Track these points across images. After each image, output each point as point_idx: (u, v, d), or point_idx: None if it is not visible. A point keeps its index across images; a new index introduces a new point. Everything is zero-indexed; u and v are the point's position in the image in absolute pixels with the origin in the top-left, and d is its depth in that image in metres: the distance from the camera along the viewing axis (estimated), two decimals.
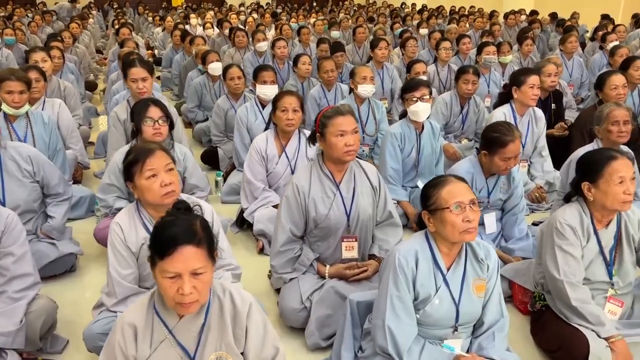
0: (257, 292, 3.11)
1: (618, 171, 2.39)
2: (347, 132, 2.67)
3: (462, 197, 2.08)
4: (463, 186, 2.14)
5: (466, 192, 2.11)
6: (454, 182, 2.15)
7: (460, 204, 2.07)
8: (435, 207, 2.11)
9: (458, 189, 2.12)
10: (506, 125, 3.10)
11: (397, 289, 2.14)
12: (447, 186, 2.12)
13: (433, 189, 2.15)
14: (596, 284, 2.56)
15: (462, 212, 2.06)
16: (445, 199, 2.10)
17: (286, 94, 3.73)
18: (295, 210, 2.78)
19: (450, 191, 2.11)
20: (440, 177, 2.24)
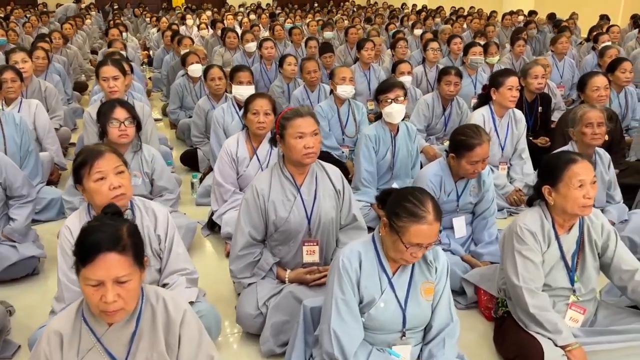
0: (220, 296, 3.08)
1: (578, 175, 2.33)
2: (307, 134, 2.62)
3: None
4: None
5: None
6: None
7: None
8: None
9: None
10: (474, 128, 3.04)
11: (342, 292, 2.09)
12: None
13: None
14: (557, 291, 2.50)
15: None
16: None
17: (258, 96, 3.69)
18: (254, 214, 2.73)
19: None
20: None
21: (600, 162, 3.56)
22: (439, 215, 2.02)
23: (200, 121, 5.15)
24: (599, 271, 2.56)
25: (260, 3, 21.94)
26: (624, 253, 2.48)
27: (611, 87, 5.31)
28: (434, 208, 2.01)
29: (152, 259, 2.52)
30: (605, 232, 2.50)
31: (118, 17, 14.58)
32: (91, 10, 18.79)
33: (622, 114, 5.44)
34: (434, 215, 1.99)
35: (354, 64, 6.73)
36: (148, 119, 4.29)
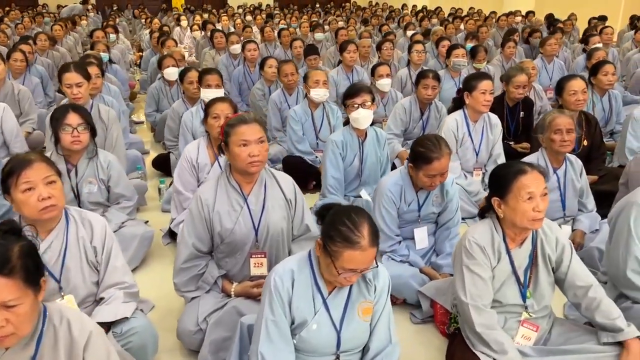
0: (172, 308, 2.99)
1: (527, 187, 2.21)
2: (251, 142, 2.51)
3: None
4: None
5: None
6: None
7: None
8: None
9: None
10: (435, 140, 2.92)
11: (272, 313, 1.99)
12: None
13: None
14: (509, 307, 2.39)
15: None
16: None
17: (218, 100, 3.59)
18: (199, 225, 2.63)
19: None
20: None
21: (572, 169, 3.44)
22: (375, 240, 1.90)
23: (174, 124, 5.05)
24: (554, 287, 2.45)
25: (261, 4, 21.89)
26: (578, 268, 2.36)
27: (594, 90, 5.22)
28: (370, 233, 1.88)
29: (89, 271, 2.43)
30: (560, 246, 2.38)
31: (113, 19, 14.50)
32: (89, 12, 18.77)
33: (606, 117, 5.32)
34: (369, 240, 1.87)
35: (338, 66, 6.63)
36: (113, 124, 4.21)
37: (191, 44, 11.92)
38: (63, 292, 2.39)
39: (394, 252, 3.06)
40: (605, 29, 8.39)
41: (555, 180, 3.40)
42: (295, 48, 7.83)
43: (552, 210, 3.44)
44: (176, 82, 5.77)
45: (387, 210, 3.04)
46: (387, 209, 3.04)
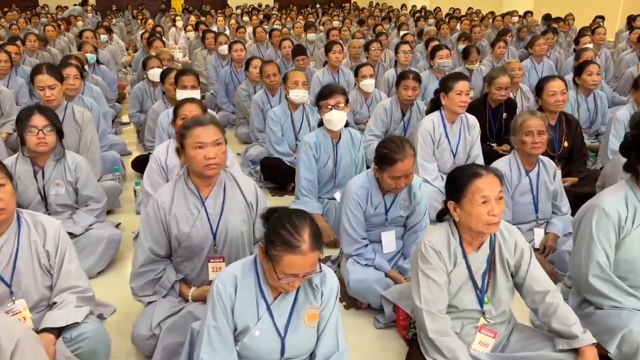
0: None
1: (481, 190, 2.17)
2: (207, 144, 2.48)
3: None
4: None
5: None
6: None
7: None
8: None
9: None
10: (399, 141, 2.88)
11: (215, 319, 1.95)
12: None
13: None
14: (466, 313, 2.34)
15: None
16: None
17: (187, 101, 3.55)
18: (156, 229, 2.59)
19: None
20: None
21: (544, 172, 3.39)
22: (317, 245, 1.87)
23: (153, 125, 5.00)
24: (513, 292, 2.40)
25: (261, 4, 21.87)
26: (537, 273, 2.32)
27: (579, 90, 5.16)
28: (311, 236, 1.85)
29: (41, 275, 2.40)
30: (519, 251, 2.34)
31: (109, 20, 14.49)
32: (88, 13, 18.77)
33: (591, 118, 5.27)
34: (309, 244, 1.83)
35: (323, 67, 6.59)
36: (88, 126, 4.18)
37: (185, 45, 11.90)
38: (14, 296, 2.36)
39: (360, 255, 3.02)
40: (597, 29, 8.31)
41: (527, 182, 3.35)
42: (284, 48, 7.80)
43: (524, 213, 3.40)
44: (160, 83, 5.72)
45: (353, 214, 3.00)
46: (354, 212, 3.00)
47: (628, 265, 2.44)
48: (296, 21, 11.90)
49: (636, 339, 2.20)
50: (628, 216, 2.41)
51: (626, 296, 2.41)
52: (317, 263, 1.88)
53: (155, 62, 6.01)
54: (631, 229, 2.41)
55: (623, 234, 2.42)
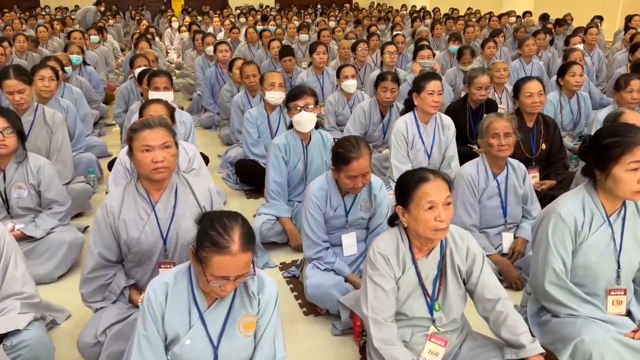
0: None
1: (427, 195, 2.10)
2: (155, 147, 2.42)
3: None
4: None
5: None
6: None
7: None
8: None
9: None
10: (354, 140, 2.83)
11: (145, 328, 1.90)
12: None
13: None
14: (415, 320, 2.28)
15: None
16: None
17: (153, 102, 3.50)
18: (105, 233, 2.54)
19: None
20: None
21: (514, 175, 3.32)
22: (248, 246, 1.81)
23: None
24: (465, 299, 2.34)
25: (262, 5, 21.84)
26: (488, 280, 2.25)
27: (562, 92, 5.09)
28: (241, 237, 1.79)
29: None
30: (471, 257, 2.27)
31: (105, 20, 14.48)
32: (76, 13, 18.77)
33: (575, 120, 5.19)
34: (240, 245, 1.78)
35: (308, 68, 6.53)
36: (59, 128, 4.14)
37: (179, 45, 11.89)
38: None
39: (320, 259, 2.96)
40: (590, 29, 8.22)
41: (495, 186, 3.28)
42: (272, 49, 7.75)
43: (492, 217, 3.34)
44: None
45: (312, 216, 2.94)
46: (313, 215, 2.95)
47: (585, 271, 2.37)
48: (289, 22, 11.81)
49: (588, 348, 2.13)
50: (585, 221, 2.34)
51: (582, 304, 2.34)
52: (249, 265, 1.83)
53: (143, 61, 5.94)
54: (588, 234, 2.34)
55: (580, 240, 2.35)
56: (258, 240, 3.58)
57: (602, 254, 2.35)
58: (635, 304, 2.43)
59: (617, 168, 2.18)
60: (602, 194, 2.33)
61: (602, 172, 2.26)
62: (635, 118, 3.35)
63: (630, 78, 4.38)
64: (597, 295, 2.39)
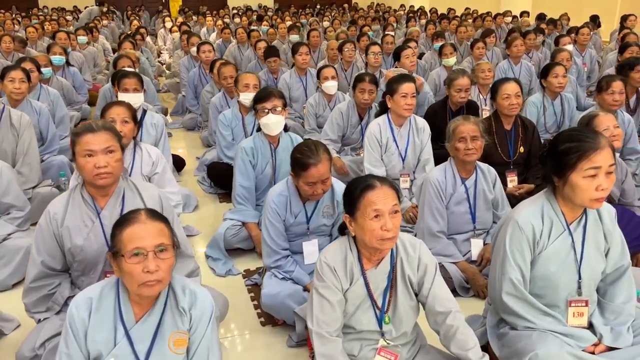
0: None
1: (373, 203, 2.01)
2: (97, 152, 2.34)
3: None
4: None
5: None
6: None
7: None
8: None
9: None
10: (313, 146, 2.73)
11: (66, 346, 1.81)
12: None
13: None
14: (364, 334, 2.18)
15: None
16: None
17: (115, 104, 3.41)
18: (49, 241, 2.45)
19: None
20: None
21: (483, 179, 3.22)
22: (159, 216, 1.88)
23: None
24: (417, 311, 2.24)
25: (260, 5, 21.76)
26: (440, 292, 2.15)
27: (546, 93, 4.99)
28: (147, 212, 1.87)
29: None
30: (422, 267, 2.18)
31: (98, 20, 14.40)
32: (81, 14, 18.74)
33: (558, 122, 5.08)
34: (147, 216, 1.84)
35: (291, 69, 6.44)
36: (26, 130, 4.06)
37: (171, 46, 11.82)
38: None
39: (279, 267, 2.86)
40: (581, 29, 8.11)
41: (463, 191, 3.18)
42: (259, 49, 7.66)
43: (461, 223, 3.23)
44: None
45: (271, 223, 2.85)
46: (272, 222, 2.85)
47: (545, 282, 2.27)
48: (280, 22, 11.72)
49: None
50: (544, 230, 2.24)
51: (541, 315, 2.24)
52: (165, 233, 1.80)
53: (127, 62, 5.86)
54: (547, 243, 2.24)
55: (538, 249, 2.25)
56: (222, 247, 3.49)
57: (562, 263, 2.24)
58: (598, 315, 2.32)
59: (574, 175, 2.08)
60: (561, 202, 2.23)
61: (560, 179, 2.16)
62: (609, 120, 3.26)
63: (612, 79, 4.27)
64: (557, 307, 2.29)
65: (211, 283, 3.20)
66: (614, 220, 2.31)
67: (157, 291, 1.79)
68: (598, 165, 2.05)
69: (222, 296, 2.73)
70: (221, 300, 2.69)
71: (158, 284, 1.76)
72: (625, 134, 4.42)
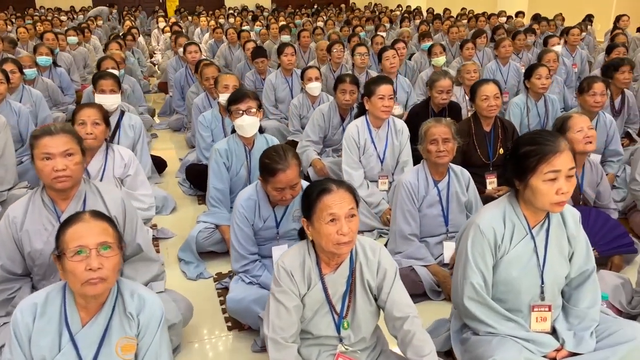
0: None
1: (329, 207, 1.98)
2: (55, 155, 2.32)
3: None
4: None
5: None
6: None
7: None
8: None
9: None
10: (281, 151, 2.70)
11: (10, 352, 1.79)
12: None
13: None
14: (322, 339, 2.16)
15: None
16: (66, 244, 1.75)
17: (86, 106, 3.38)
18: (9, 245, 2.42)
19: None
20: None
21: (456, 182, 3.19)
22: (102, 215, 1.85)
23: None
24: (377, 316, 2.21)
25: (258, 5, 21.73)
26: (398, 297, 2.12)
27: (529, 95, 4.96)
28: (92, 212, 1.87)
29: None
30: (382, 271, 2.15)
31: (91, 21, 14.37)
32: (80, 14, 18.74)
33: (542, 123, 5.05)
34: (90, 215, 1.84)
35: (276, 69, 6.41)
36: (2, 131, 4.02)
37: (163, 46, 11.79)
38: None
39: (247, 272, 2.83)
40: (571, 30, 8.07)
41: (435, 193, 3.15)
42: (247, 50, 7.63)
43: (433, 226, 3.20)
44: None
45: (239, 227, 2.82)
46: (240, 226, 2.82)
47: (507, 286, 2.24)
48: (272, 22, 11.70)
49: None
50: (505, 234, 2.21)
51: (502, 321, 2.21)
52: (109, 232, 1.80)
53: (110, 63, 5.82)
54: (509, 247, 2.21)
55: (500, 253, 2.22)
56: (194, 250, 3.46)
57: (524, 268, 2.22)
58: (562, 320, 2.29)
59: (534, 178, 2.06)
60: (523, 205, 2.20)
61: (521, 182, 2.13)
62: (583, 122, 3.23)
63: (593, 81, 4.24)
64: (520, 312, 2.26)
65: (181, 287, 3.18)
66: (578, 224, 2.28)
67: (101, 290, 1.76)
68: (558, 169, 2.02)
69: (186, 300, 2.70)
70: (184, 304, 2.66)
71: (102, 282, 1.73)
72: (607, 135, 4.40)
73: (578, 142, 3.22)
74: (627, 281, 2.80)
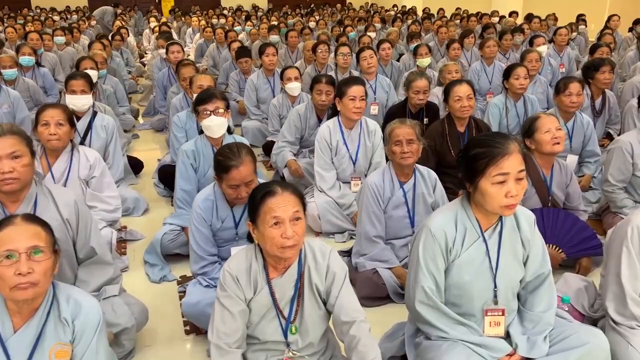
0: None
1: (272, 210, 1.94)
2: (2, 157, 2.30)
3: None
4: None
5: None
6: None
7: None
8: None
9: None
10: (235, 148, 2.67)
11: None
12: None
13: None
14: (269, 344, 2.12)
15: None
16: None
17: (49, 106, 3.35)
18: None
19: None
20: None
21: (422, 183, 3.16)
22: (35, 218, 1.85)
23: None
24: (326, 320, 2.17)
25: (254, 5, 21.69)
26: (346, 301, 2.08)
27: (508, 95, 4.92)
28: (23, 216, 1.82)
29: None
30: (331, 275, 2.11)
31: (84, 21, 14.33)
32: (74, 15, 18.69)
33: (521, 124, 4.98)
34: (22, 218, 1.80)
35: (258, 69, 6.38)
36: None
37: (152, 46, 11.75)
38: None
39: (206, 274, 2.79)
40: (559, 30, 8.03)
41: (401, 195, 3.11)
42: (233, 50, 7.60)
43: (399, 228, 3.17)
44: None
45: (197, 229, 2.78)
46: (198, 227, 2.78)
47: (459, 290, 2.20)
48: (262, 22, 11.66)
49: None
50: (457, 237, 2.17)
51: (454, 325, 2.17)
52: (42, 236, 1.78)
53: (89, 63, 5.78)
54: (460, 251, 2.17)
55: (452, 257, 2.18)
56: (159, 252, 3.42)
57: (477, 272, 2.18)
58: (517, 324, 2.26)
59: (483, 181, 2.02)
60: (475, 208, 2.17)
61: (471, 185, 2.09)
62: (551, 122, 3.20)
63: (570, 81, 4.21)
64: (473, 316, 2.23)
65: (145, 289, 3.15)
66: (533, 227, 2.24)
67: (32, 295, 1.72)
68: (506, 172, 1.99)
69: (140, 304, 2.66)
70: (138, 308, 2.62)
71: (32, 287, 1.70)
72: (584, 136, 4.37)
73: (546, 143, 3.20)
74: (590, 284, 2.76)
